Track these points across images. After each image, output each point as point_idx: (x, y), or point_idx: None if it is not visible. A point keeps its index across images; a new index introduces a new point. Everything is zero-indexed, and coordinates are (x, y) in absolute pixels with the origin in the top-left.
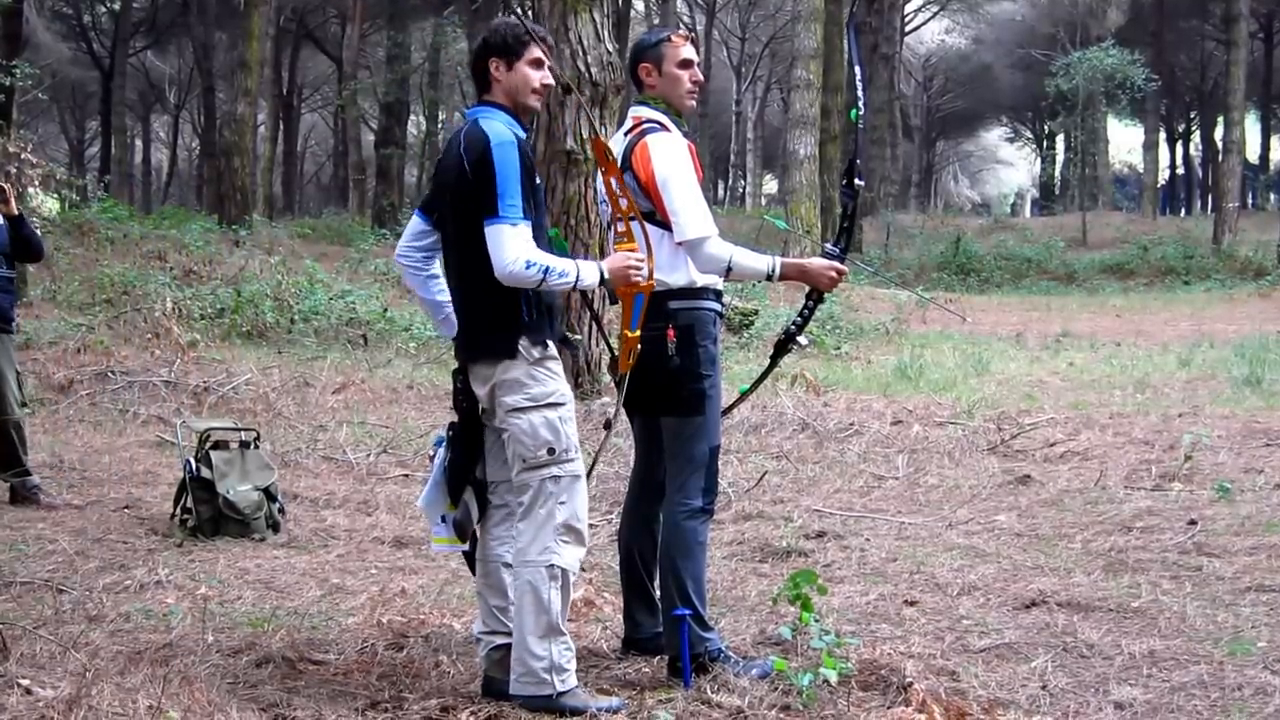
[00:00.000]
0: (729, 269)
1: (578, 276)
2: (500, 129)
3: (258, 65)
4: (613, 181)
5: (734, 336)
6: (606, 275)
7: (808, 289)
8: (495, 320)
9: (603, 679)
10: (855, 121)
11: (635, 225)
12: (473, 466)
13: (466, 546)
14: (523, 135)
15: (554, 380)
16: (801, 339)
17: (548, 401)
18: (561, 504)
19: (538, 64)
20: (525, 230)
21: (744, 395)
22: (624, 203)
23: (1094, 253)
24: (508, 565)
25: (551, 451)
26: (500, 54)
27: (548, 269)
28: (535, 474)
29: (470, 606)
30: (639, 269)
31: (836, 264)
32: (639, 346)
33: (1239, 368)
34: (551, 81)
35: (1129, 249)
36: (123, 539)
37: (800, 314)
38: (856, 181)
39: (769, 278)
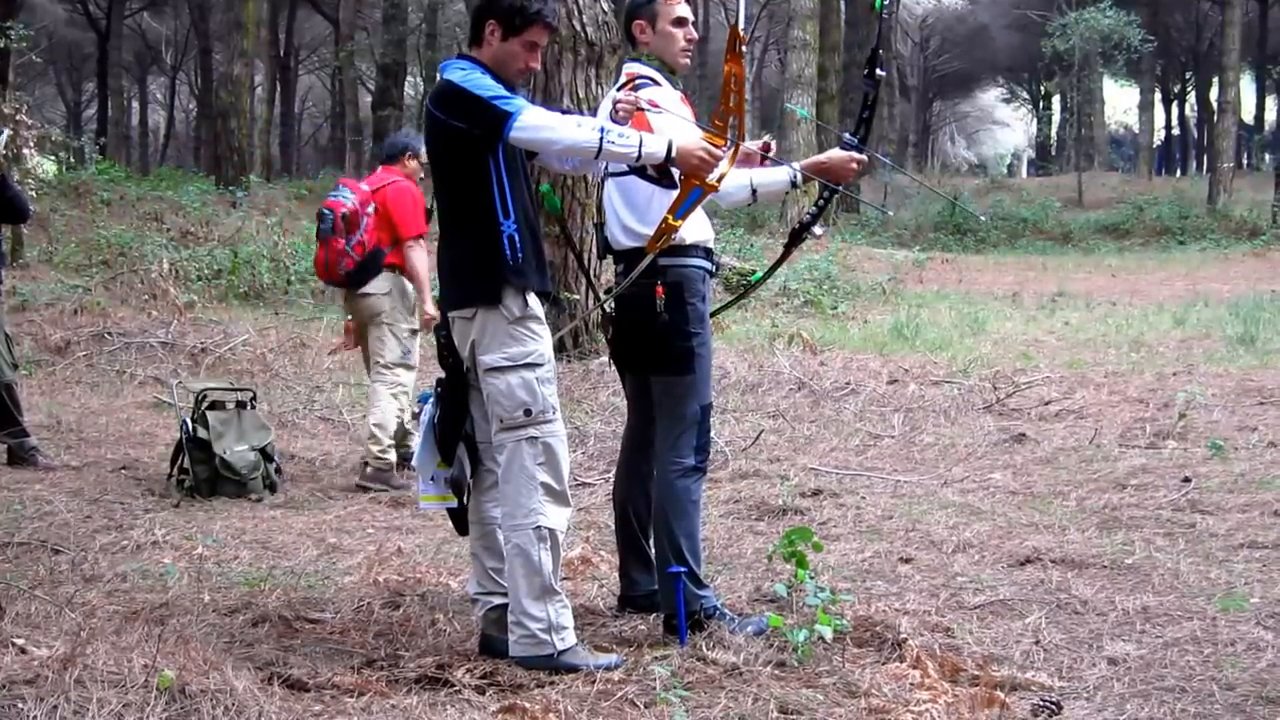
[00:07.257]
0: (754, 190)
1: (641, 143)
2: (456, 70)
3: (254, 26)
4: (732, 73)
5: (731, 296)
6: (675, 152)
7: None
8: (477, 263)
9: (599, 636)
10: (879, 11)
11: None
12: (461, 422)
13: (454, 503)
14: None
15: (533, 340)
16: (816, 229)
17: (525, 362)
18: (540, 464)
19: (531, 46)
20: (537, 109)
21: (756, 283)
22: (733, 99)
23: (1090, 213)
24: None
25: (528, 413)
26: (501, 20)
27: (604, 128)
28: (511, 434)
29: (466, 565)
30: (710, 163)
31: (855, 154)
32: (670, 238)
33: (1233, 326)
34: (538, 66)
35: (1124, 209)
36: (120, 500)
37: (815, 204)
38: (878, 72)
39: (794, 185)
